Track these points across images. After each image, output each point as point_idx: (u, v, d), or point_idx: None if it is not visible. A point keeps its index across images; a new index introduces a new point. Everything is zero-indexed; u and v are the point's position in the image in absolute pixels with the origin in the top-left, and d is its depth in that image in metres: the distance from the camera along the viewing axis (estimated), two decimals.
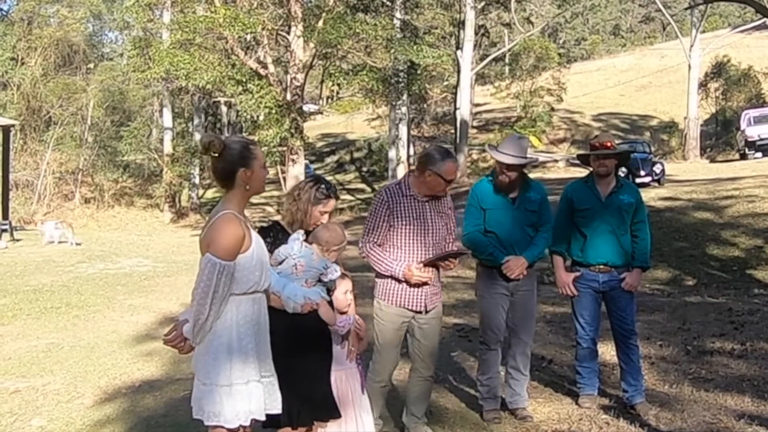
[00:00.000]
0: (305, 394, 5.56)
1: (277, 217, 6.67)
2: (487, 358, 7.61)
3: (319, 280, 5.67)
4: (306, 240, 5.65)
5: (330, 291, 5.82)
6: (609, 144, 7.72)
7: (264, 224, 6.10)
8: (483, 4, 48.25)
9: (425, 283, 6.72)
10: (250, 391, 4.64)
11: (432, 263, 6.83)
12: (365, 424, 6.09)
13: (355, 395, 6.06)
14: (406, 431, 7.11)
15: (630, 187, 7.95)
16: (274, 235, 5.72)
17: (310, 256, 5.60)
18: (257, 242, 4.76)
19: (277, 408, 4.87)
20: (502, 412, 7.59)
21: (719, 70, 55.34)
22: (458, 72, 46.41)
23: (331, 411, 5.72)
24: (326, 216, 5.96)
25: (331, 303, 5.77)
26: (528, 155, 7.44)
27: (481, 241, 7.48)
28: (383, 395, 6.89)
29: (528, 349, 7.68)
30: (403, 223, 6.67)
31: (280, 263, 5.52)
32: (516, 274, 7.31)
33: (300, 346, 5.57)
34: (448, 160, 6.73)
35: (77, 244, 26.48)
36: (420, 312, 6.82)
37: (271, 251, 5.44)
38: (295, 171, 33.15)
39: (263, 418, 4.75)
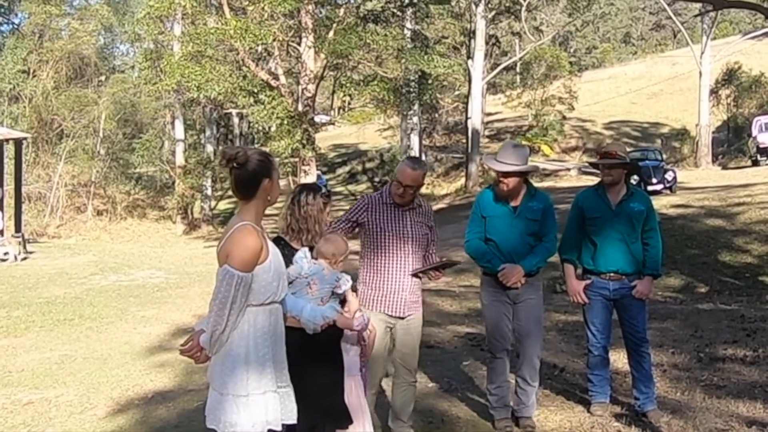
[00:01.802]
0: (326, 407, 5.63)
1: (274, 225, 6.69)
2: (494, 367, 7.60)
3: (332, 293, 5.70)
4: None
5: (342, 302, 5.85)
6: (614, 153, 7.71)
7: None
8: (493, 13, 48.32)
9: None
10: (267, 401, 4.63)
11: (419, 273, 6.95)
12: (372, 429, 6.17)
13: (362, 402, 6.12)
14: None
15: (640, 194, 7.93)
16: (282, 251, 5.72)
17: (321, 273, 5.63)
18: (274, 253, 4.75)
19: (292, 418, 4.86)
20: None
21: (730, 76, 55.21)
22: (469, 81, 46.41)
23: (348, 420, 5.79)
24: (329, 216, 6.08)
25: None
26: (525, 163, 7.41)
27: (479, 249, 7.53)
28: (373, 403, 6.91)
29: (535, 360, 7.59)
30: (380, 228, 6.76)
31: (290, 283, 5.52)
32: (512, 282, 7.28)
33: (315, 359, 5.60)
34: (406, 165, 6.83)
35: (15, 256, 25.86)
36: (401, 318, 6.87)
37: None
38: (308, 182, 33.17)
39: (279, 429, 4.75)
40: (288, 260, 5.50)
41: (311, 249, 5.77)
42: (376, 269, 6.80)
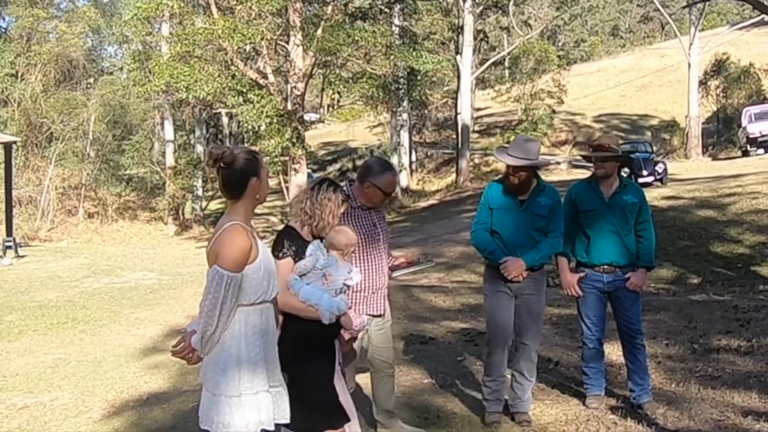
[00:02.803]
0: (321, 402, 5.60)
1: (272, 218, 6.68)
2: (492, 362, 7.58)
3: (343, 285, 5.71)
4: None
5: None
6: (607, 145, 7.72)
7: (279, 230, 5.98)
8: (481, 8, 48.26)
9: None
10: (259, 401, 4.63)
11: (396, 269, 7.11)
12: (356, 422, 6.19)
13: (348, 398, 6.11)
14: (380, 426, 7.23)
15: (633, 187, 7.94)
16: (294, 242, 5.67)
17: (335, 264, 5.62)
18: (264, 252, 4.73)
19: (285, 418, 4.86)
20: (506, 416, 7.60)
21: (719, 67, 55.35)
22: (458, 77, 46.41)
23: (344, 418, 5.76)
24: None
25: None
26: (537, 157, 7.40)
27: (483, 240, 7.50)
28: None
29: (533, 354, 7.57)
30: (359, 232, 6.66)
31: (304, 275, 5.52)
32: (513, 275, 7.26)
33: (311, 355, 5.58)
34: (387, 173, 6.91)
35: None
36: (380, 316, 6.96)
37: (295, 260, 5.48)
38: (298, 180, 33.18)
39: (272, 428, 4.74)
40: (300, 251, 5.49)
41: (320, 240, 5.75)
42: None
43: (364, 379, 7.82)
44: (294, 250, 5.53)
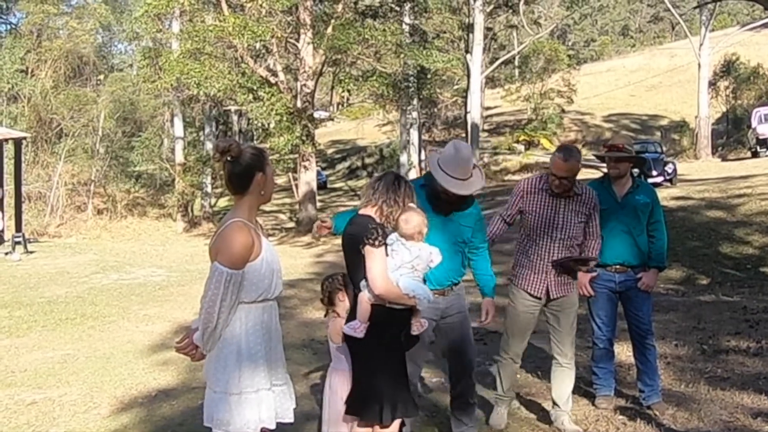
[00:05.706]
0: (390, 393, 5.63)
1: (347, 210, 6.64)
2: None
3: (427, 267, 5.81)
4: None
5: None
6: (621, 146, 7.71)
7: (358, 221, 5.81)
8: (491, 7, 48.19)
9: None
10: (260, 399, 4.65)
11: (562, 263, 7.07)
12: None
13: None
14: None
15: (646, 187, 7.94)
16: (383, 229, 5.59)
17: (421, 253, 5.66)
18: (268, 250, 4.73)
19: (289, 417, 4.87)
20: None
21: (729, 68, 55.32)
22: (468, 76, 46.40)
23: (413, 409, 5.85)
24: None
25: None
26: (471, 174, 6.40)
27: None
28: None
29: (473, 377, 6.98)
30: (532, 213, 7.09)
31: (398, 268, 5.55)
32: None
33: (381, 347, 5.65)
34: (558, 157, 6.92)
35: None
36: (537, 297, 7.15)
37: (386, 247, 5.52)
38: (307, 178, 33.25)
39: (273, 427, 4.75)
40: (386, 237, 5.51)
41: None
42: (524, 251, 7.14)
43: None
44: (381, 241, 5.53)
